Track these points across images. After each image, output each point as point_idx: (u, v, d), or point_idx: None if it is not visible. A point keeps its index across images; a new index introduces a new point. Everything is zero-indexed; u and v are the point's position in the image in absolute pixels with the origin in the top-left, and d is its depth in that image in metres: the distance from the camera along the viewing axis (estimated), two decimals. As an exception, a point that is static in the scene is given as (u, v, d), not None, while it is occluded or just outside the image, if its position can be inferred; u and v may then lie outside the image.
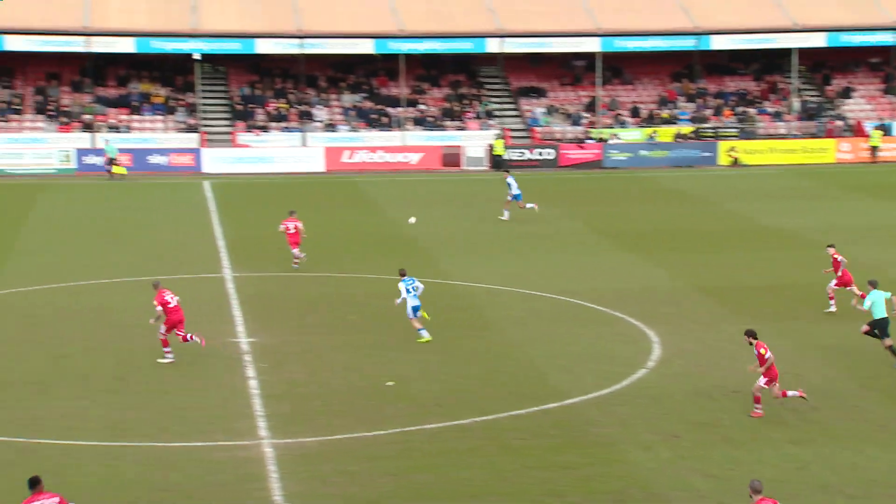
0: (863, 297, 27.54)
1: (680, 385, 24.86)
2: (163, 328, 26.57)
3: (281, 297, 32.65)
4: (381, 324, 29.85)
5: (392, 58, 65.76)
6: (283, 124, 64.04)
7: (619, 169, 62.03)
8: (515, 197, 44.85)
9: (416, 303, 28.13)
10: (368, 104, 66.07)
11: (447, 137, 63.73)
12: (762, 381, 22.72)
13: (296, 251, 36.05)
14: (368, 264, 36.95)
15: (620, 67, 69.62)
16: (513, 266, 37.06)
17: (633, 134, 64.98)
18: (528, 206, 44.91)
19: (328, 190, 53.86)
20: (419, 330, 28.14)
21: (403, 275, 28.46)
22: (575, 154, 63.11)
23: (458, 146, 62.83)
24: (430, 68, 68.77)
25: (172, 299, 26.59)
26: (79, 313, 31.06)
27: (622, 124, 65.95)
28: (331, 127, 64.04)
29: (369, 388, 24.78)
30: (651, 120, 66.29)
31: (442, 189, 54.21)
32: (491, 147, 62.37)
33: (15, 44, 59.97)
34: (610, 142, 63.75)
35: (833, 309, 30.58)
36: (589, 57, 67.23)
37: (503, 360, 26.83)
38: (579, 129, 65.70)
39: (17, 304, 31.75)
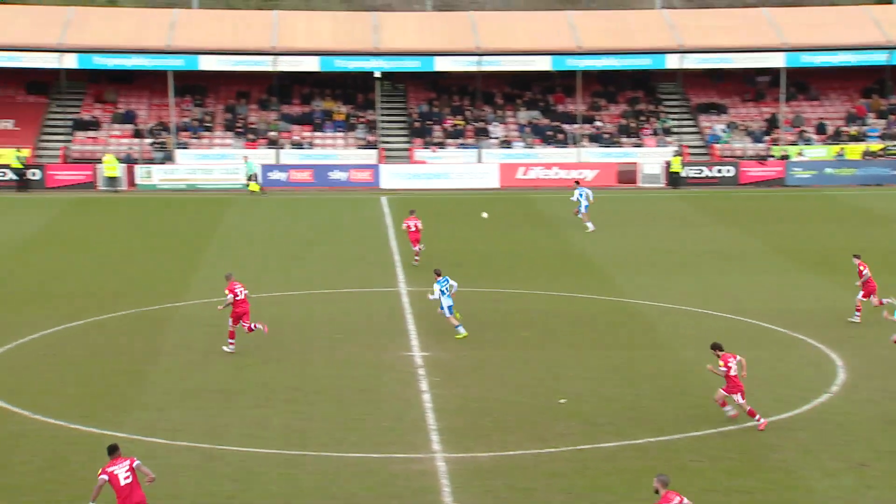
0: (880, 303, 30.25)
1: (867, 411, 24.05)
2: (230, 320, 28.49)
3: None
4: (554, 341, 29.76)
5: (569, 74, 65.63)
6: (460, 141, 64.57)
7: (803, 187, 60.48)
8: (583, 207, 46.44)
9: (450, 302, 29.70)
10: (544, 121, 66.06)
11: (623, 154, 63.23)
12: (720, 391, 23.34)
13: (417, 248, 38.15)
14: (542, 281, 36.89)
15: (806, 83, 67.92)
16: (690, 285, 36.50)
17: (818, 151, 63.27)
18: (582, 217, 46.21)
19: (503, 206, 54.03)
20: (456, 327, 29.68)
21: (439, 275, 30.13)
22: (756, 171, 61.81)
23: (635, 163, 62.26)
24: (607, 84, 68.38)
25: (241, 292, 28.49)
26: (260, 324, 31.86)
27: (807, 141, 64.28)
28: (506, 143, 64.26)
29: (542, 405, 24.71)
30: (837, 137, 64.43)
31: (617, 206, 53.80)
32: (668, 164, 61.61)
33: (208, 63, 62.05)
34: (794, 159, 62.21)
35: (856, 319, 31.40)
36: (773, 72, 65.81)
37: (677, 379, 26.42)
38: (761, 146, 64.33)
39: (203, 314, 32.76)
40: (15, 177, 58.84)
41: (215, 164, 61.62)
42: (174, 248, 43.18)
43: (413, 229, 38.75)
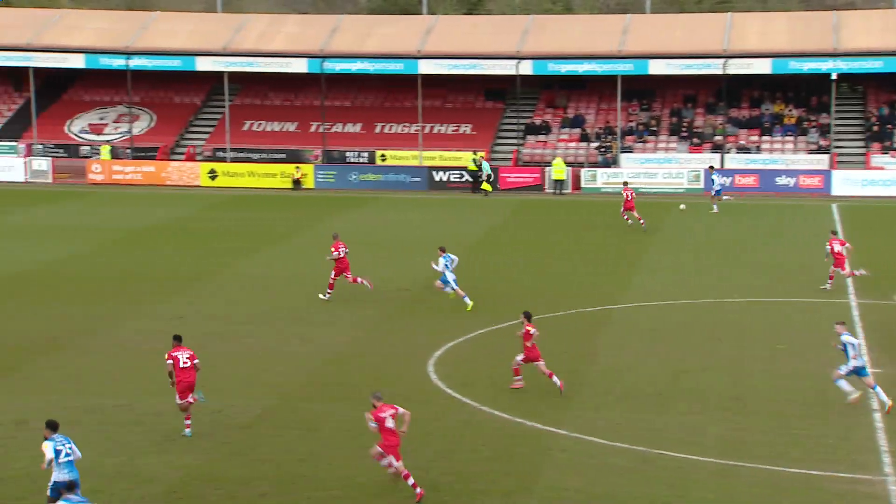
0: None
1: None
2: (332, 273, 33.57)
3: (909, 328, 30.90)
4: None
5: None
6: (921, 146, 60.78)
7: None
8: (718, 192, 52.65)
9: (454, 276, 33.18)
10: None
11: None
12: (519, 357, 25.85)
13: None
14: None
15: None
16: None
17: None
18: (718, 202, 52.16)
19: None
20: (463, 297, 32.82)
21: (443, 251, 33.51)
22: None
23: None
24: None
25: (342, 251, 33.87)
26: (698, 330, 31.44)
27: None
28: (973, 150, 59.69)
29: None
30: None
31: None
32: None
33: (658, 68, 62.10)
34: None
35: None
36: None
37: None
38: None
39: (641, 318, 32.78)
40: (470, 178, 61.62)
41: (659, 168, 61.58)
42: (614, 250, 43.52)
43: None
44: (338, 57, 64.12)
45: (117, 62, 64.75)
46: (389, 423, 19.88)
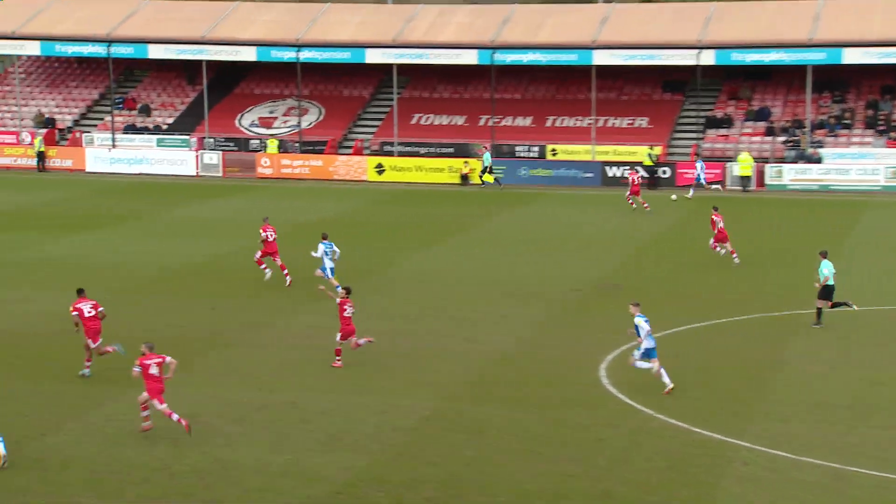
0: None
1: None
2: (258, 253, 36.28)
3: None
4: None
5: None
6: None
7: None
8: (698, 181, 53.89)
9: (332, 264, 34.69)
10: None
11: None
12: (338, 336, 27.57)
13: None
14: None
15: None
16: None
17: None
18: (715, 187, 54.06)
19: None
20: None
21: (325, 238, 35.16)
22: None
23: None
24: None
25: (270, 234, 36.31)
26: (896, 338, 30.20)
27: None
28: None
29: None
30: None
31: None
32: None
33: (853, 56, 59.70)
34: None
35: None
36: None
37: None
38: None
39: (834, 323, 31.62)
40: (645, 174, 60.67)
41: (852, 163, 59.49)
42: (807, 250, 42.20)
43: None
44: (509, 48, 63.94)
45: (287, 55, 65.92)
46: (153, 371, 23.16)
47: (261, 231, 37.14)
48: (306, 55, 65.78)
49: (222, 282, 37.84)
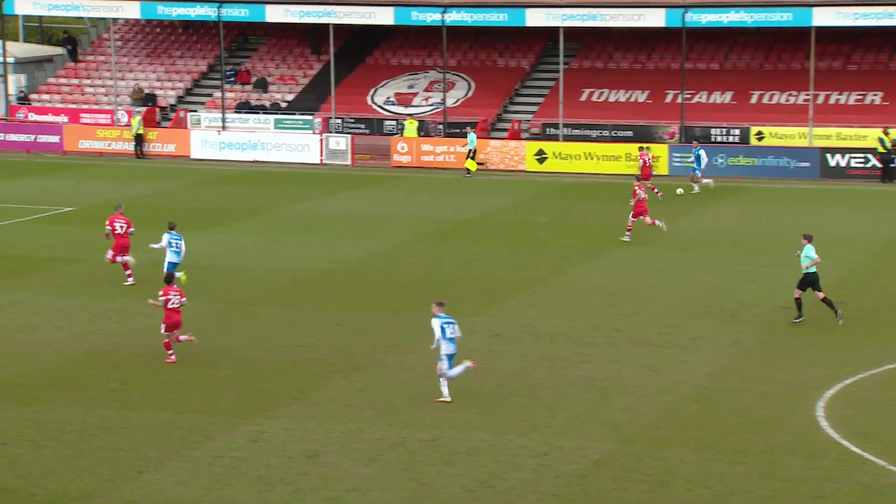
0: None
1: None
2: (110, 252, 38.83)
3: None
4: None
5: None
6: None
7: None
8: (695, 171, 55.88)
9: (177, 259, 36.91)
10: None
11: None
12: (162, 328, 30.57)
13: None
14: None
15: None
16: None
17: None
18: (705, 181, 55.59)
19: None
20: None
21: (172, 228, 37.37)
22: None
23: None
24: None
25: (119, 226, 38.63)
26: None
27: None
28: None
29: None
30: None
31: None
32: None
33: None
34: None
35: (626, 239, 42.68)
36: None
37: None
38: None
39: None
40: (878, 164, 59.40)
41: None
42: None
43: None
44: (704, 6, 63.35)
45: (432, 17, 66.38)
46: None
47: (106, 224, 38.82)
48: (454, 17, 66.18)
49: (353, 292, 38.32)
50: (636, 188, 45.28)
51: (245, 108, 70.68)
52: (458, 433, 25.80)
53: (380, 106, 70.12)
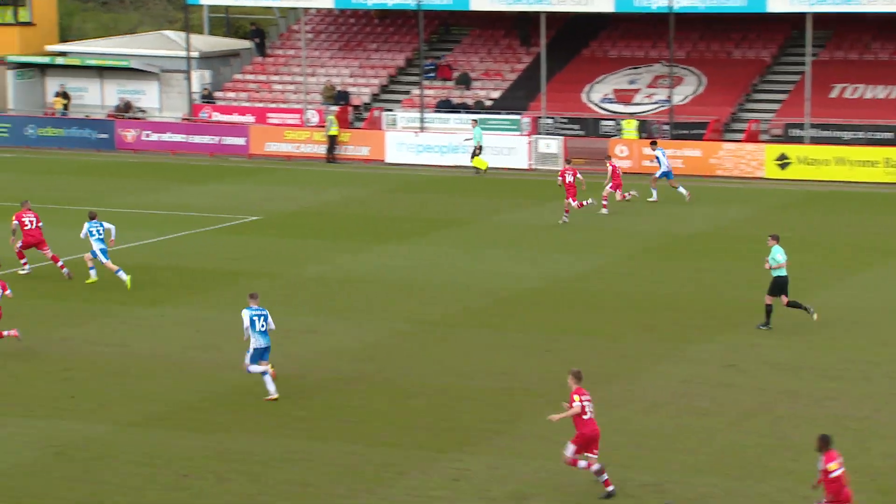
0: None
1: None
2: (19, 244, 42.00)
3: None
4: None
5: None
6: None
7: None
8: (665, 174, 55.84)
9: (102, 245, 40.43)
10: None
11: None
12: None
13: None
14: None
15: None
16: None
17: None
18: (680, 189, 55.41)
19: None
20: (117, 272, 40.29)
21: (92, 217, 40.77)
22: None
23: None
24: None
25: (28, 221, 41.70)
26: None
27: None
28: None
29: None
30: None
31: None
32: None
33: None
34: None
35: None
36: None
37: None
38: None
39: None
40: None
41: None
42: None
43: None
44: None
45: (658, 3, 65.81)
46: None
47: (13, 219, 42.05)
48: (683, 3, 65.53)
49: (564, 314, 38.17)
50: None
51: (445, 106, 70.97)
52: (685, 477, 25.43)
53: (596, 104, 69.74)
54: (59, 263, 42.23)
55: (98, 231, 40.98)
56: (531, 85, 70.96)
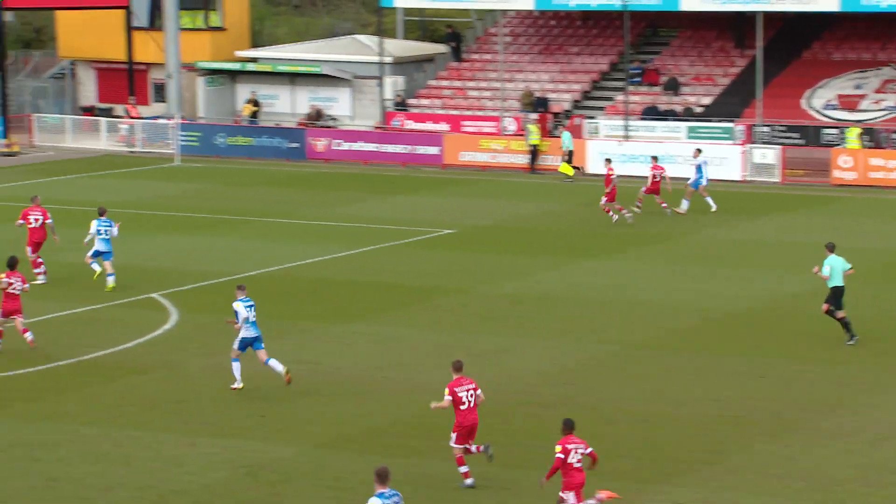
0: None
1: None
2: (29, 249, 42.37)
3: None
4: None
5: None
6: None
7: None
8: (694, 184, 56.38)
9: (106, 249, 41.20)
10: None
11: None
12: None
13: None
14: None
15: None
16: None
17: None
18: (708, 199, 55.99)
19: None
20: (108, 276, 41.41)
21: (102, 214, 41.63)
22: None
23: None
24: None
25: (34, 219, 42.37)
26: None
27: None
28: None
29: None
30: None
31: None
32: None
33: None
34: None
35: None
36: None
37: None
38: None
39: None
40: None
41: None
42: None
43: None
44: None
45: (887, 1, 64.53)
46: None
47: (19, 219, 43.23)
48: (914, 1, 64.32)
49: (781, 337, 37.69)
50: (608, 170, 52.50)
51: (652, 113, 70.57)
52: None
53: (818, 111, 68.77)
54: (37, 271, 42.77)
55: (106, 230, 41.43)
56: (746, 90, 70.27)
